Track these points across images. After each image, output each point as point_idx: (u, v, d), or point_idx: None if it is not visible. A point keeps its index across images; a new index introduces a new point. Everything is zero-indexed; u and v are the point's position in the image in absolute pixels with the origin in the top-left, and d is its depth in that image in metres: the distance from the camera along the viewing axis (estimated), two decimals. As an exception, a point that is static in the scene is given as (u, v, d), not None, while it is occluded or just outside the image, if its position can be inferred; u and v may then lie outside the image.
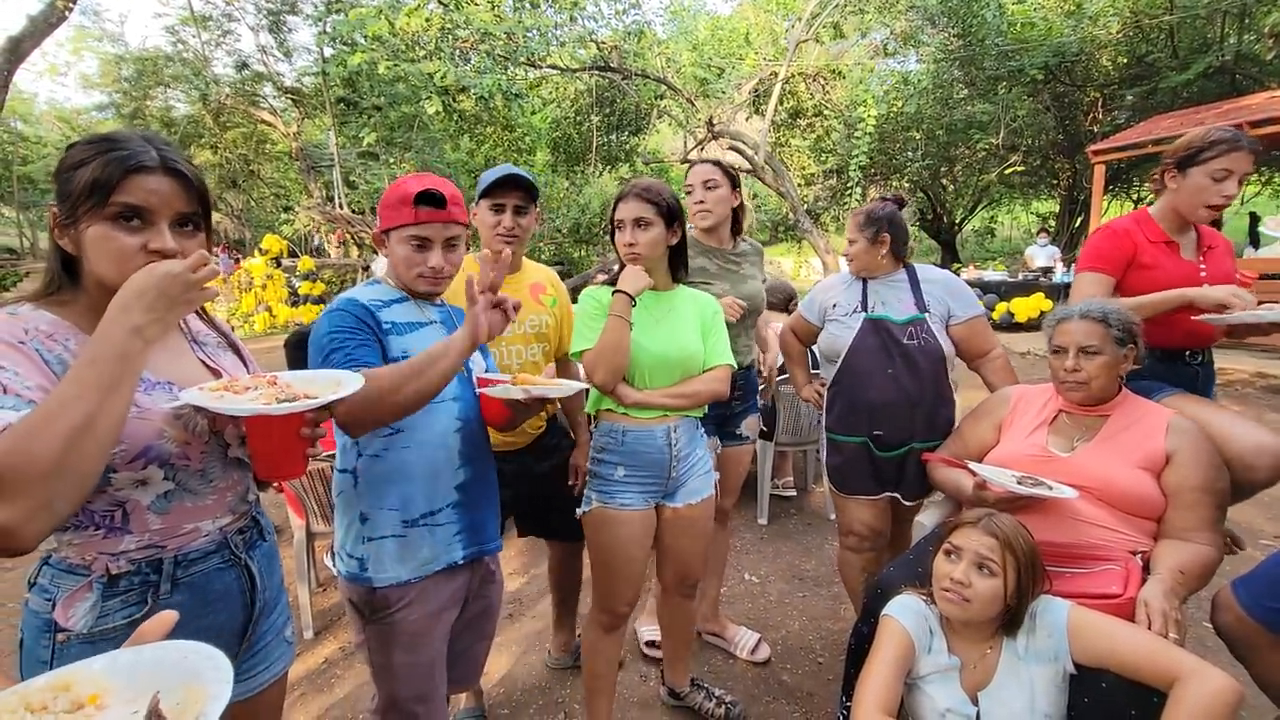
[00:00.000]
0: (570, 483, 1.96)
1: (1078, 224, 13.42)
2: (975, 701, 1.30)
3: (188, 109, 18.00)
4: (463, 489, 1.38)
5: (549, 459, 2.00)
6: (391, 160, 14.84)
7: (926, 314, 2.01)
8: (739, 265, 2.16)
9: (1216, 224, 1.92)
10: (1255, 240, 9.15)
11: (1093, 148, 9.01)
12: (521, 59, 10.41)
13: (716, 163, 2.07)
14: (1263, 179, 12.73)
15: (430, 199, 1.30)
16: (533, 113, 13.88)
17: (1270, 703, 1.43)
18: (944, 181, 15.82)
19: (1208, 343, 1.85)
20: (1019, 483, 1.53)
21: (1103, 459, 1.57)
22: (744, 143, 12.58)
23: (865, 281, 2.09)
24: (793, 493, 3.82)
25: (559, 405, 2.11)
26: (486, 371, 1.49)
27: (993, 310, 9.01)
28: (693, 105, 12.30)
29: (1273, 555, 1.39)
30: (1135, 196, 14.12)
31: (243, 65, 16.96)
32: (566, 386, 1.38)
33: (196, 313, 1.13)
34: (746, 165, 12.15)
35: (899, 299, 2.04)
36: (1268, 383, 5.40)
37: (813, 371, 2.45)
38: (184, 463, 0.98)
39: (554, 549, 2.24)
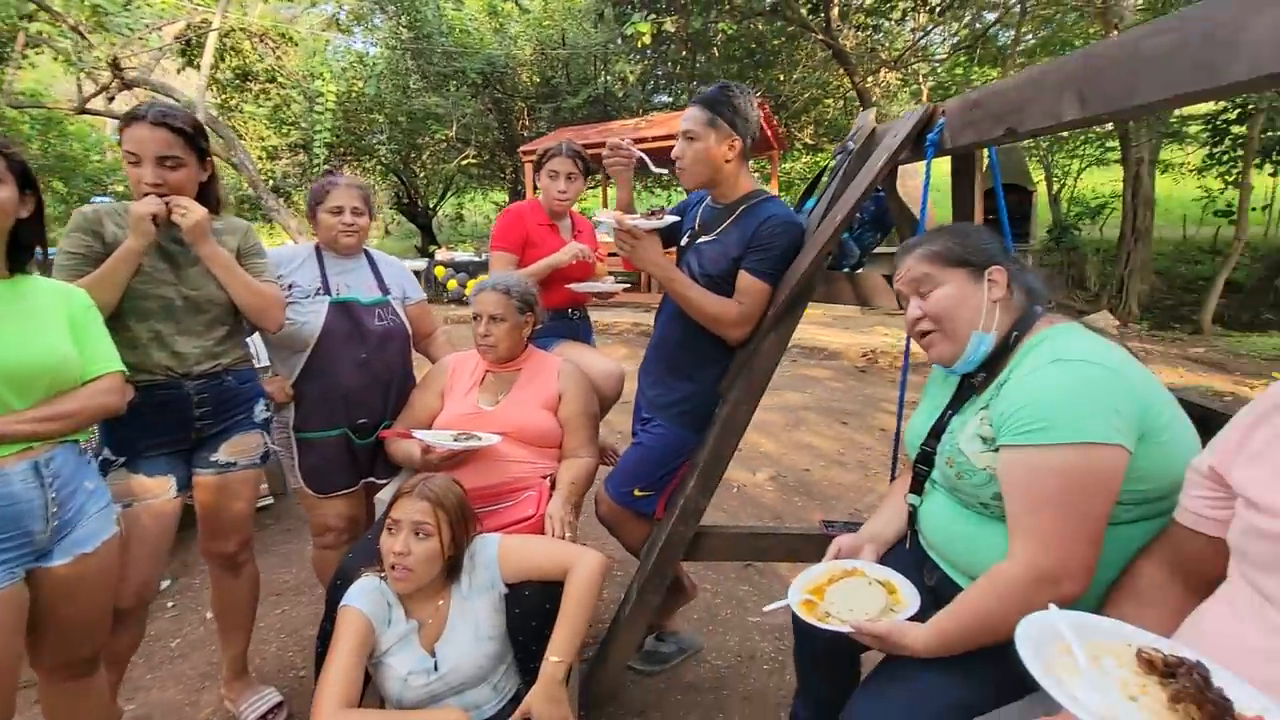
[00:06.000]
0: None
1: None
2: (434, 654, 1.39)
3: None
4: None
5: None
6: None
7: (390, 296, 2.04)
8: None
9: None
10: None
11: (523, 149, 10.83)
12: None
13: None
14: (643, 185, 17.59)
15: None
16: None
17: (636, 559, 2.00)
18: (415, 168, 16.44)
19: (581, 303, 2.42)
20: (455, 440, 1.69)
21: (519, 406, 1.88)
22: (175, 98, 10.09)
23: (322, 261, 1.97)
24: (269, 500, 3.38)
25: None
26: None
27: (465, 286, 9.96)
28: (84, 38, 9.15)
29: (624, 453, 1.93)
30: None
31: None
32: None
33: None
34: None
35: (362, 281, 2.01)
36: (642, 330, 7.66)
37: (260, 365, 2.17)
38: None
39: None
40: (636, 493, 1.82)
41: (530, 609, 1.46)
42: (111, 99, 10.13)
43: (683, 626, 2.24)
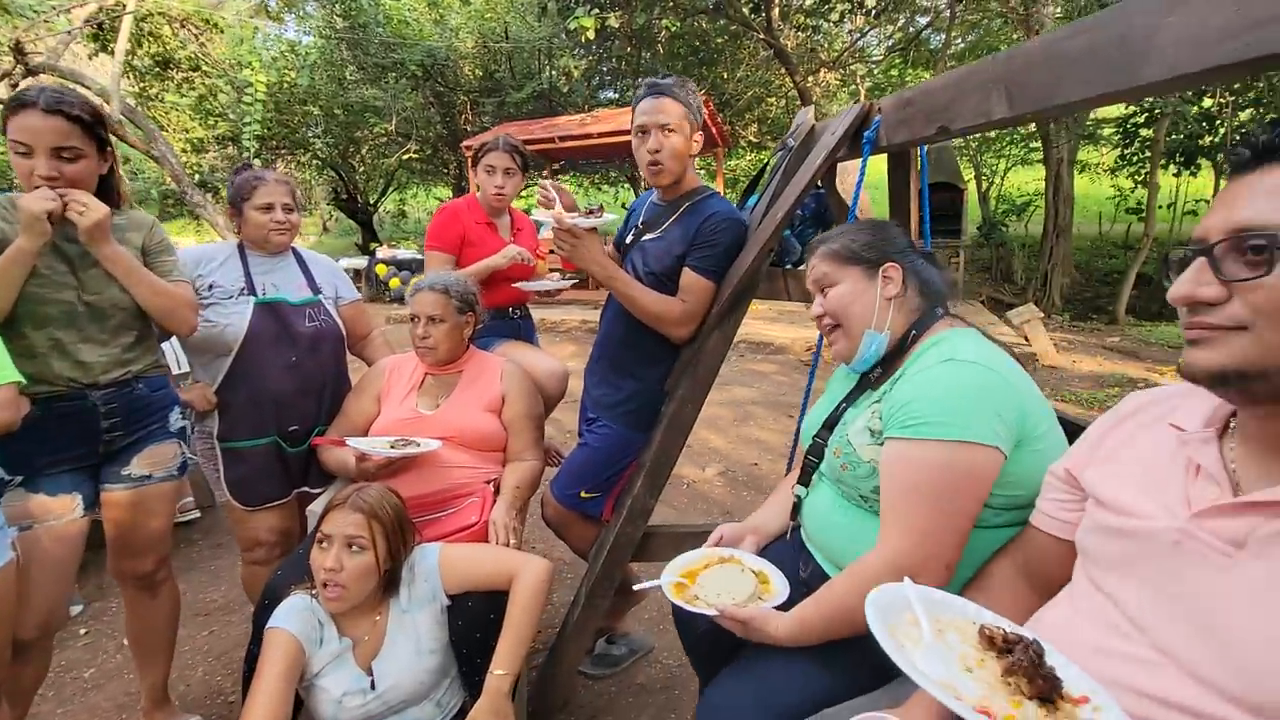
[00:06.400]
0: None
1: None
2: (371, 672, 1.33)
3: None
4: None
5: None
6: None
7: (321, 295, 1.94)
8: None
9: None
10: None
11: (466, 143, 10.55)
12: None
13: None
14: (577, 182, 17.49)
15: None
16: None
17: (584, 561, 1.97)
18: (353, 162, 15.85)
19: (523, 301, 2.36)
20: (392, 447, 1.62)
21: (460, 410, 1.82)
22: (86, 86, 9.38)
23: (245, 260, 1.84)
24: (194, 515, 3.19)
25: None
26: None
27: (407, 284, 9.66)
28: (-14, 22, 8.44)
29: (570, 454, 1.90)
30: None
31: None
32: None
33: None
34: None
35: (290, 280, 1.90)
36: (590, 327, 7.60)
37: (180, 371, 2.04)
38: None
39: None
40: (583, 494, 1.78)
41: (474, 620, 1.41)
42: (15, 86, 9.36)
43: (634, 627, 2.22)
